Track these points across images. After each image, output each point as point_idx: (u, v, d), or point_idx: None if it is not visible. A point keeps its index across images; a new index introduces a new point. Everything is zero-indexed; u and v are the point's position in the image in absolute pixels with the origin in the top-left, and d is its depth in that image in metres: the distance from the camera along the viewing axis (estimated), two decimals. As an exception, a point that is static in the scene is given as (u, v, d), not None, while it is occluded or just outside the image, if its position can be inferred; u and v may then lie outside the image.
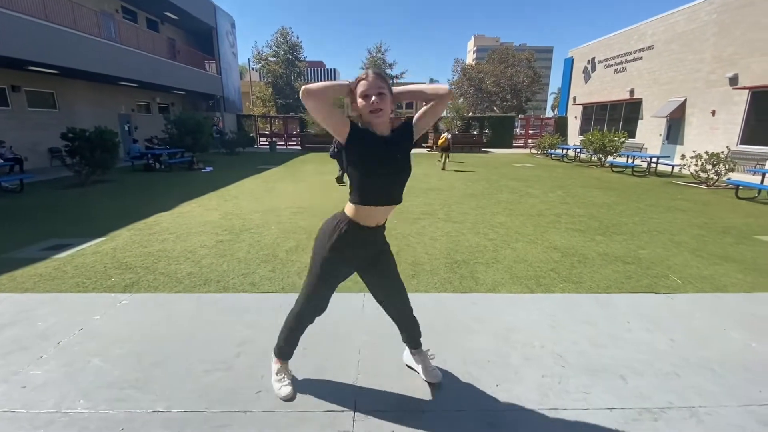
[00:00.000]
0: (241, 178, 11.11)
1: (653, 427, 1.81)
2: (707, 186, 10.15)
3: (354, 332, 2.66)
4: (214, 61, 22.36)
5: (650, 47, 17.80)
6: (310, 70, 58.21)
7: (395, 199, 1.76)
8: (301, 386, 2.06)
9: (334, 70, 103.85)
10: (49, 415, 1.86)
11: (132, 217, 6.31)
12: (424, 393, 2.05)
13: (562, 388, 2.08)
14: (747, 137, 13.47)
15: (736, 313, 3.01)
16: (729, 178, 9.92)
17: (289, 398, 1.96)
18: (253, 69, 36.26)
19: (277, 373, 2.05)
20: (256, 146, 24.97)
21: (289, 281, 3.77)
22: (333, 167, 13.90)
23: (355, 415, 1.86)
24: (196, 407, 1.90)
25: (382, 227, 1.87)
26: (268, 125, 27.83)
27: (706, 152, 10.34)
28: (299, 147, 24.04)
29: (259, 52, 33.20)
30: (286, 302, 3.26)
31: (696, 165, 10.44)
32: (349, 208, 1.76)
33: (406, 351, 2.25)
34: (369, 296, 3.33)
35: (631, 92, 19.06)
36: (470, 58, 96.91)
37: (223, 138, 19.37)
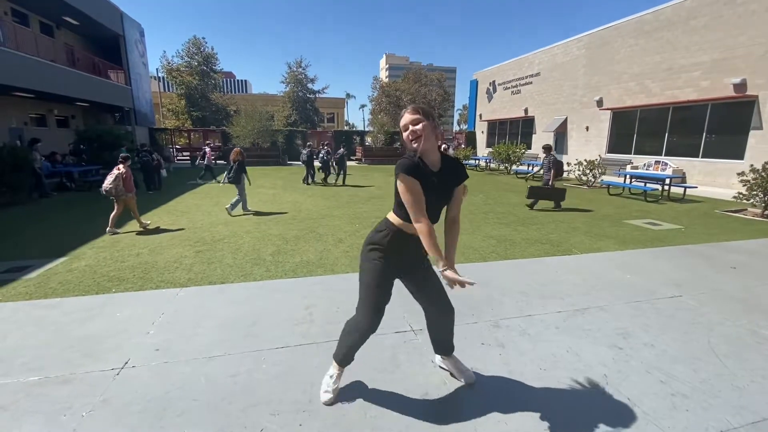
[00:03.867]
0: (178, 194, 10.83)
1: (581, 318, 3.12)
2: (587, 186, 12.80)
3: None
4: (122, 71, 20.76)
5: (538, 74, 21.33)
6: (223, 81, 55.89)
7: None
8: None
9: (245, 81, 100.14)
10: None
11: (83, 237, 6.11)
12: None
13: (529, 305, 3.34)
14: (612, 147, 17.06)
15: (615, 262, 4.63)
16: (602, 180, 12.67)
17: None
18: (160, 78, 33.95)
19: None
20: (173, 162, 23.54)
21: (288, 277, 4.35)
22: (268, 180, 14.15)
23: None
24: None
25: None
26: (182, 139, 26.36)
27: (585, 160, 13.04)
28: (223, 161, 23.30)
29: (169, 62, 31.28)
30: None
31: (578, 170, 13.08)
32: (395, 219, 1.95)
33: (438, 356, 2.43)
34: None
35: (526, 111, 22.50)
36: (383, 75, 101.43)
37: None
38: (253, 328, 2.88)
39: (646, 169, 14.32)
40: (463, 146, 24.87)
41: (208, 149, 14.78)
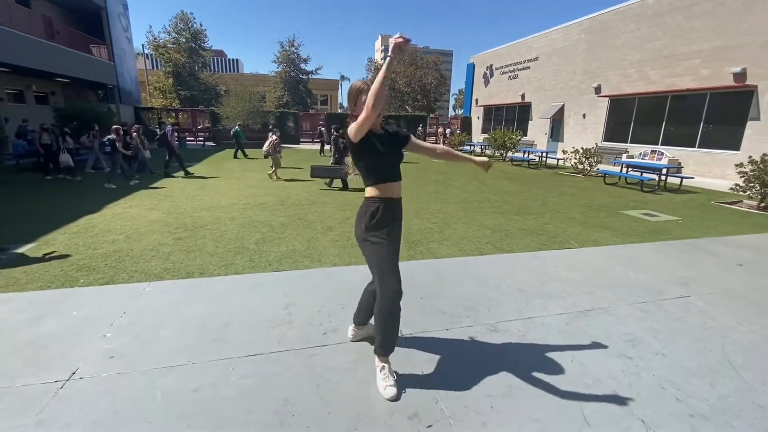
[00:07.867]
0: (162, 177, 10.39)
1: (584, 321, 2.90)
2: (583, 175, 12.58)
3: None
4: (105, 46, 19.82)
5: (536, 59, 20.84)
6: (213, 60, 54.21)
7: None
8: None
9: (237, 60, 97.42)
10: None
11: (57, 221, 5.74)
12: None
13: (529, 306, 3.10)
14: (608, 136, 16.82)
15: (616, 257, 4.40)
16: (598, 168, 12.45)
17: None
18: (147, 55, 32.70)
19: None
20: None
21: (272, 268, 4.06)
22: (257, 165, 13.69)
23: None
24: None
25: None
26: (169, 119, 25.49)
27: (582, 148, 12.79)
28: (212, 143, 22.69)
29: (155, 38, 30.02)
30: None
31: (574, 158, 12.84)
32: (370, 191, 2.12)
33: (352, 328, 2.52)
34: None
35: (522, 96, 22.08)
36: (378, 57, 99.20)
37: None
38: (224, 331, 2.59)
39: (642, 159, 14.12)
40: (458, 131, 24.45)
41: (323, 129, 17.18)
